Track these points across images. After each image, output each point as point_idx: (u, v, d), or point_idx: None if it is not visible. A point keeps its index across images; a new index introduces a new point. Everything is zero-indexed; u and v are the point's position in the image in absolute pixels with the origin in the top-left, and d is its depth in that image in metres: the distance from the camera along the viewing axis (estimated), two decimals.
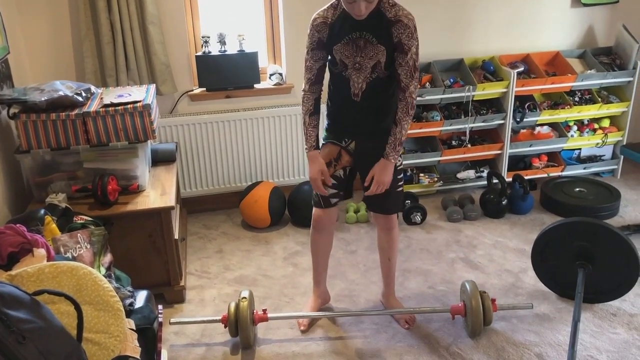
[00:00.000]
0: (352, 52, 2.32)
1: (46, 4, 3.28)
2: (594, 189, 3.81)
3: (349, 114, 2.49)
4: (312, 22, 2.37)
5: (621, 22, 4.04)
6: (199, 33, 3.66)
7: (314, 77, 2.43)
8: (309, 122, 2.47)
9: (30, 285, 1.73)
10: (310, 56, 2.41)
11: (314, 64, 2.41)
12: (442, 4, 3.84)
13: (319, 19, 2.35)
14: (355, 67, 2.35)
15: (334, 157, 2.55)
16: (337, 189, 2.59)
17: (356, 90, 2.39)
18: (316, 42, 2.37)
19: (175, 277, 2.88)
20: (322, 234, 2.71)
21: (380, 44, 2.28)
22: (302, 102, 2.47)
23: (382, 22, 2.26)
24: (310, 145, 2.48)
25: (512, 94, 3.79)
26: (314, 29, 2.36)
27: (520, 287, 2.99)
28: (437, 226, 3.63)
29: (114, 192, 2.74)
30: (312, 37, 2.37)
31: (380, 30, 2.27)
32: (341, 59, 2.35)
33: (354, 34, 2.30)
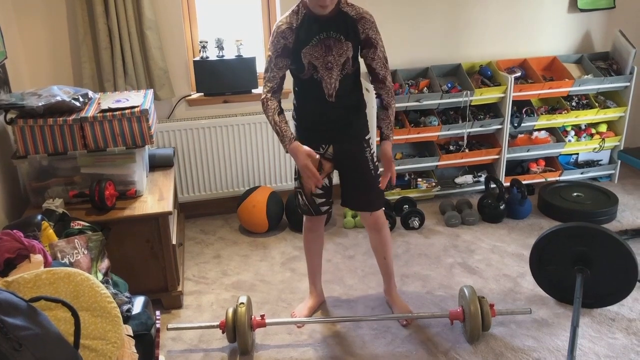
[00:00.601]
0: (322, 52, 2.36)
1: (44, 9, 3.27)
2: (592, 194, 3.81)
3: (323, 117, 2.49)
4: (277, 29, 2.36)
5: (618, 28, 4.05)
6: (197, 38, 3.66)
7: (276, 86, 2.43)
8: (279, 120, 2.39)
9: (27, 292, 1.72)
10: (274, 64, 2.39)
11: (278, 72, 2.41)
12: (440, 8, 3.85)
13: (283, 25, 2.36)
14: (327, 67, 2.38)
15: (316, 168, 2.53)
16: (325, 197, 2.64)
17: (330, 90, 2.42)
18: (281, 49, 2.37)
19: (172, 283, 2.87)
20: (314, 233, 2.77)
21: (348, 40, 2.36)
22: (265, 108, 2.42)
23: (346, 20, 2.35)
24: (289, 139, 2.37)
25: (510, 99, 3.80)
26: (279, 36, 2.35)
27: (519, 292, 2.98)
28: (435, 231, 3.62)
29: (111, 198, 2.73)
30: (277, 44, 2.36)
31: (346, 27, 2.35)
32: (310, 61, 2.37)
33: (322, 34, 2.34)
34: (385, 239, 2.72)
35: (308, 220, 2.75)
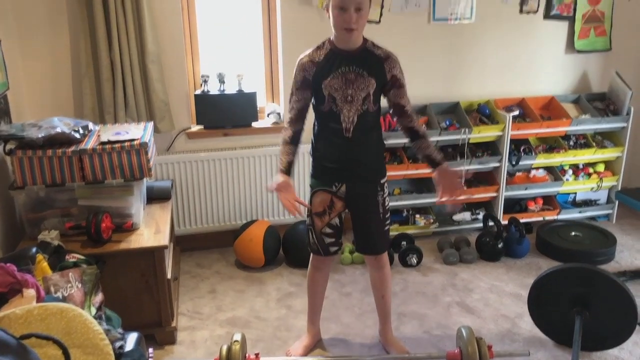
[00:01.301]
0: (342, 85, 2.37)
1: (48, 40, 3.31)
2: (590, 234, 3.80)
3: (339, 154, 2.49)
4: (299, 62, 2.43)
5: (614, 69, 4.11)
6: (199, 72, 3.69)
7: (295, 117, 2.47)
8: (283, 150, 2.46)
9: (18, 328, 1.70)
10: (295, 96, 2.45)
11: (297, 103, 2.46)
12: (439, 47, 3.90)
13: (305, 58, 2.43)
14: (346, 100, 2.38)
15: (327, 205, 2.55)
16: (334, 237, 2.61)
17: (347, 124, 2.41)
18: (301, 82, 2.42)
19: (166, 318, 2.83)
20: (321, 272, 2.74)
21: (371, 76, 2.37)
22: (282, 137, 2.50)
23: (372, 57, 2.38)
24: (277, 168, 2.46)
25: (508, 137, 3.82)
26: (299, 68, 2.42)
27: (517, 333, 2.95)
28: (433, 269, 3.60)
29: (107, 230, 2.71)
30: (298, 76, 2.43)
31: (370, 64, 2.37)
32: (330, 92, 2.38)
33: (344, 68, 2.36)
34: (386, 277, 2.69)
35: (315, 259, 2.71)
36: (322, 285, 2.79)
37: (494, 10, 3.90)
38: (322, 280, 2.77)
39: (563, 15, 4.03)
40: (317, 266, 2.72)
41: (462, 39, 3.92)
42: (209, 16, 3.69)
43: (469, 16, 3.87)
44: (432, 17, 3.82)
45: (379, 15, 3.72)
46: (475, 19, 3.88)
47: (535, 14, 3.98)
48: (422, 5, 3.77)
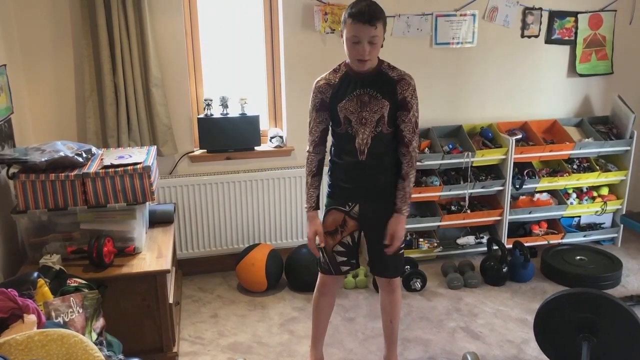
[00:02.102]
0: (357, 107, 2.40)
1: (52, 65, 3.33)
2: (595, 258, 3.77)
3: (353, 174, 2.51)
4: (315, 84, 2.47)
5: (616, 93, 4.12)
6: (202, 96, 3.71)
7: (318, 139, 2.51)
8: (311, 183, 2.54)
9: (18, 354, 1.68)
10: (313, 118, 2.48)
11: (318, 126, 2.49)
12: (441, 71, 3.92)
13: (321, 81, 2.46)
14: (361, 122, 2.41)
15: (339, 224, 2.55)
16: (347, 256, 2.61)
17: (362, 146, 2.43)
18: (319, 104, 2.45)
19: (168, 343, 2.80)
20: (327, 297, 2.71)
21: (385, 99, 2.38)
22: (306, 163, 2.55)
23: (386, 80, 2.40)
24: (309, 206, 2.54)
25: (511, 161, 3.82)
26: (316, 90, 2.46)
27: (523, 359, 2.90)
28: (437, 293, 3.56)
29: (109, 254, 2.70)
30: (315, 99, 2.46)
31: (384, 87, 2.39)
32: (346, 115, 2.41)
33: (358, 90, 2.39)
34: (397, 301, 2.67)
35: (321, 284, 2.68)
36: (327, 311, 2.75)
37: (496, 35, 3.93)
38: (328, 305, 2.74)
39: (564, 40, 4.06)
40: (323, 291, 2.68)
41: (464, 63, 3.94)
42: (212, 40, 3.72)
43: (470, 40, 3.89)
44: (434, 41, 3.84)
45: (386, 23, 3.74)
46: (477, 43, 3.91)
47: (536, 38, 4.01)
48: (424, 30, 3.80)
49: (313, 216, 2.54)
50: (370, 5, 2.27)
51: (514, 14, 3.92)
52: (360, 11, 2.24)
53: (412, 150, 2.45)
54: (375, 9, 2.27)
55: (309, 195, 2.54)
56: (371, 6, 2.27)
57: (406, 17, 3.75)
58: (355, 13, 2.25)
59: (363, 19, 2.23)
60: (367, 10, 2.24)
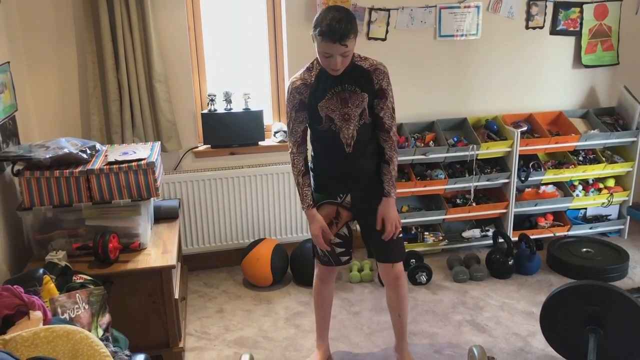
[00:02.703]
0: (338, 105, 2.41)
1: (56, 62, 3.33)
2: (601, 250, 3.75)
3: (341, 168, 2.53)
4: (291, 86, 2.44)
5: (622, 84, 4.09)
6: (205, 91, 3.70)
7: (300, 139, 2.51)
8: (302, 183, 2.54)
9: (24, 350, 1.68)
10: (293, 118, 2.47)
11: (299, 126, 2.49)
12: (445, 64, 3.90)
13: (297, 81, 2.43)
14: (344, 119, 2.42)
15: (334, 217, 2.59)
16: (345, 247, 2.64)
17: (348, 140, 2.45)
18: (298, 104, 2.44)
19: (174, 339, 2.81)
20: (328, 285, 2.76)
21: (364, 92, 2.40)
22: (292, 164, 2.55)
23: (361, 72, 2.40)
24: (307, 205, 2.55)
25: (516, 153, 3.80)
26: (294, 92, 2.43)
27: (529, 351, 2.90)
28: (442, 287, 3.56)
29: (114, 251, 2.70)
30: (293, 100, 2.44)
31: (360, 80, 2.40)
32: (327, 114, 2.42)
33: (337, 88, 2.40)
34: (403, 296, 2.68)
35: (321, 271, 2.72)
36: (329, 299, 2.81)
37: (500, 26, 3.90)
38: (329, 293, 2.79)
39: (569, 30, 4.03)
40: (324, 279, 2.73)
41: (469, 55, 3.92)
42: (215, 35, 3.72)
43: (474, 32, 3.87)
44: (438, 33, 3.82)
45: (385, 32, 3.73)
46: (481, 35, 3.88)
47: (541, 29, 3.98)
48: (427, 22, 3.78)
49: (313, 214, 2.55)
50: (340, 22, 2.19)
51: (518, 5, 3.89)
52: (331, 30, 2.18)
53: (393, 135, 2.50)
54: (345, 25, 2.19)
55: (304, 195, 2.54)
56: (341, 22, 2.19)
57: (410, 9, 3.72)
58: (325, 32, 2.19)
59: (334, 38, 2.19)
60: (337, 29, 2.18)
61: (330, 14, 2.21)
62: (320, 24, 2.22)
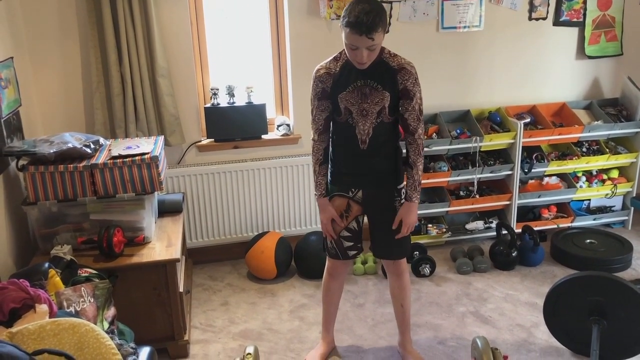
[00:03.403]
0: (358, 99, 2.39)
1: (59, 57, 3.34)
2: (605, 241, 3.75)
3: (355, 164, 2.52)
4: (316, 73, 2.44)
5: (626, 74, 4.08)
6: (208, 85, 3.71)
7: (322, 127, 2.50)
8: (319, 171, 2.55)
9: (30, 343, 1.70)
10: (316, 106, 2.46)
11: (321, 114, 2.47)
12: (448, 56, 3.89)
13: (322, 69, 2.43)
14: (361, 114, 2.40)
15: (344, 209, 2.58)
16: (353, 241, 2.64)
17: (363, 136, 2.44)
18: (321, 92, 2.43)
19: (179, 331, 2.83)
20: (336, 281, 2.75)
21: (386, 90, 2.36)
22: (312, 152, 2.55)
23: (386, 70, 2.36)
24: (320, 193, 2.57)
25: (520, 145, 3.79)
26: (317, 80, 2.43)
27: (533, 342, 2.91)
28: (446, 278, 3.56)
29: (119, 244, 2.72)
30: (317, 88, 2.43)
31: (384, 77, 2.36)
32: (346, 106, 2.41)
33: (359, 82, 2.37)
34: (405, 285, 2.70)
35: (330, 266, 2.72)
36: (337, 294, 2.80)
37: (503, 18, 3.89)
38: (338, 288, 2.78)
39: (573, 21, 4.01)
40: (333, 274, 2.72)
41: (472, 47, 3.91)
42: (218, 29, 3.72)
43: (477, 24, 3.86)
44: (440, 25, 3.81)
45: (388, 24, 3.71)
46: (484, 27, 3.87)
47: (544, 20, 3.96)
48: (430, 14, 3.77)
49: (325, 203, 2.57)
50: (368, 14, 2.15)
51: None
52: (358, 22, 2.15)
53: (418, 138, 2.44)
54: (374, 18, 2.15)
55: (318, 183, 2.56)
56: (369, 15, 2.15)
57: (412, 1, 3.71)
58: (352, 23, 2.16)
59: (360, 30, 2.16)
60: (364, 21, 2.14)
61: (360, 6, 2.17)
62: (349, 15, 2.18)
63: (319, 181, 2.55)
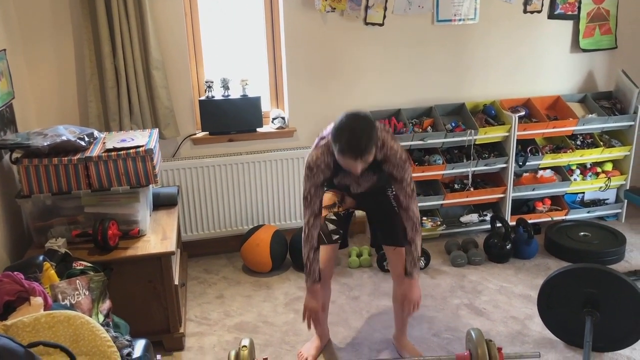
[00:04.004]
0: (351, 180, 2.48)
1: (52, 50, 3.32)
2: (599, 233, 3.77)
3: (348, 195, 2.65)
4: (315, 166, 2.38)
5: (620, 68, 4.08)
6: (203, 78, 3.69)
7: (318, 210, 2.48)
8: (313, 258, 2.50)
9: (25, 336, 1.70)
10: (313, 193, 2.43)
11: (317, 199, 2.46)
12: (443, 49, 3.89)
13: (322, 164, 2.38)
14: (358, 184, 2.51)
15: (338, 200, 2.63)
16: (337, 225, 2.66)
17: (357, 190, 2.54)
18: (320, 182, 2.43)
19: (174, 324, 2.83)
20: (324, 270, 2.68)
21: (375, 174, 2.44)
22: (306, 238, 2.48)
23: (374, 160, 2.32)
24: (313, 280, 2.52)
25: (514, 138, 3.80)
26: (317, 170, 2.39)
27: (527, 334, 2.92)
28: (441, 271, 3.58)
29: (114, 237, 2.71)
30: (317, 178, 2.40)
31: (372, 165, 2.34)
32: (340, 182, 2.51)
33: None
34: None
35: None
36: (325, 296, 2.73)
37: (498, 11, 3.89)
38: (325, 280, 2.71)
39: (567, 14, 4.01)
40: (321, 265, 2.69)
41: (467, 39, 3.91)
42: (212, 21, 3.70)
43: (472, 17, 3.85)
44: (435, 18, 3.81)
45: (382, 17, 3.71)
46: (479, 20, 3.87)
47: (539, 13, 3.96)
48: (425, 7, 3.76)
49: (316, 290, 2.54)
50: (360, 139, 2.15)
51: None
52: (350, 148, 2.16)
53: (412, 215, 2.45)
54: (366, 142, 2.16)
55: (312, 270, 2.51)
56: (361, 140, 2.15)
57: None
58: (344, 150, 2.17)
59: (355, 156, 2.18)
60: (357, 147, 2.15)
61: (348, 132, 2.16)
62: (339, 140, 2.18)
63: (313, 269, 2.50)
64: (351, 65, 3.77)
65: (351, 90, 3.81)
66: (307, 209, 2.46)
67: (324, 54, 3.70)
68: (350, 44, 3.73)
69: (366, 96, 3.84)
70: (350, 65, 3.77)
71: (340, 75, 3.77)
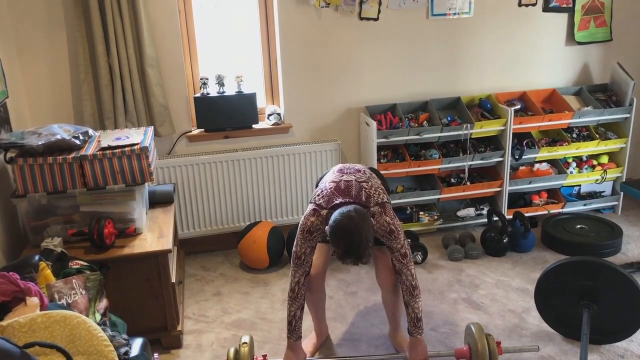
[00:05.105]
0: None
1: (46, 48, 3.30)
2: (596, 226, 3.78)
3: None
4: (315, 231, 2.42)
5: (615, 60, 4.08)
6: (198, 75, 3.68)
7: (309, 269, 2.52)
8: (299, 316, 2.54)
9: (21, 336, 1.69)
10: (306, 254, 2.46)
11: (309, 259, 2.49)
12: (438, 43, 3.88)
13: (315, 232, 2.42)
14: None
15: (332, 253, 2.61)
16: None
17: None
18: (315, 245, 2.46)
19: (172, 322, 2.83)
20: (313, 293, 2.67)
21: None
22: (294, 296, 2.51)
23: None
24: (297, 337, 2.56)
25: (510, 132, 3.80)
26: (317, 236, 2.43)
27: (525, 327, 2.93)
28: (438, 265, 3.58)
29: (110, 236, 2.71)
30: (312, 242, 2.45)
31: None
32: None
33: None
34: (398, 299, 2.67)
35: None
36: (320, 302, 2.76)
37: (493, 4, 3.88)
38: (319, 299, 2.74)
39: (562, 7, 4.00)
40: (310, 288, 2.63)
41: (462, 33, 3.90)
42: (206, 18, 3.68)
43: (467, 10, 3.85)
44: (430, 12, 3.80)
45: (377, 12, 3.70)
46: (474, 13, 3.86)
47: (534, 6, 3.96)
48: (420, 1, 3.75)
49: (298, 346, 2.58)
50: (358, 248, 2.20)
51: None
52: (349, 256, 2.22)
53: (406, 279, 2.46)
54: (363, 250, 2.21)
55: (296, 327, 2.53)
56: (359, 248, 2.20)
57: None
58: (342, 257, 2.24)
59: (353, 262, 2.25)
60: (355, 254, 2.21)
61: (346, 240, 2.20)
62: (337, 246, 2.23)
63: (298, 326, 2.53)
64: (346, 61, 3.76)
65: (347, 85, 3.80)
66: (298, 267, 2.48)
67: (319, 49, 3.69)
68: (345, 39, 3.72)
69: (362, 91, 3.84)
70: (345, 60, 3.76)
71: (336, 71, 3.76)
